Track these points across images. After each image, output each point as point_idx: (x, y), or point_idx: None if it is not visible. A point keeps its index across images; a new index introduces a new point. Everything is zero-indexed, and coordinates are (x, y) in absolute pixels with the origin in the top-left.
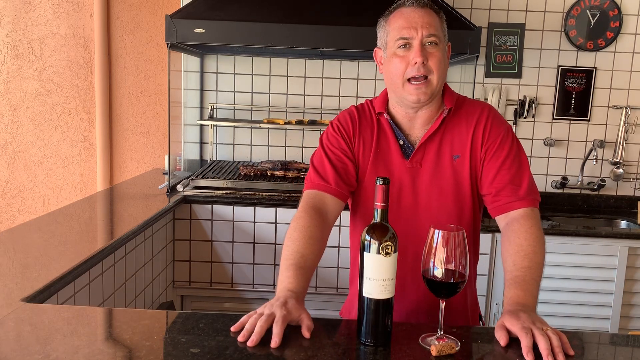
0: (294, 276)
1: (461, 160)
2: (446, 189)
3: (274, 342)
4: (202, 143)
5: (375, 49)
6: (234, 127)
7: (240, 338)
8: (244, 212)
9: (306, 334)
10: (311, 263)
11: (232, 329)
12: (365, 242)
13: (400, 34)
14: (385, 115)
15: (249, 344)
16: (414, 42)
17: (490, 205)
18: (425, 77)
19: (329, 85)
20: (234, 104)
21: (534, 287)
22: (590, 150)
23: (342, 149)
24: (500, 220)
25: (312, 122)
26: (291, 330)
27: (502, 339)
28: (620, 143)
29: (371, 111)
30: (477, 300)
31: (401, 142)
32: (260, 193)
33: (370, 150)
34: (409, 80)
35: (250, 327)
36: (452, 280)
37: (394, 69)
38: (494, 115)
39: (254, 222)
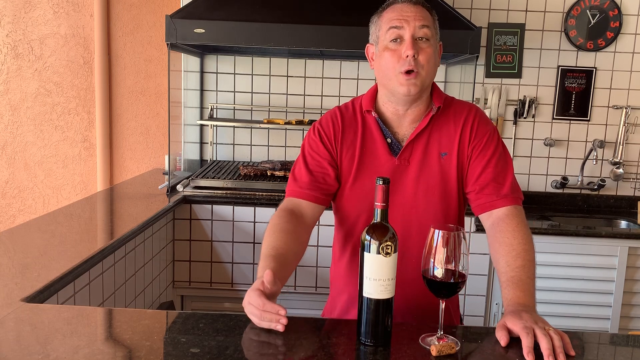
0: (264, 265)
1: (448, 158)
2: (433, 186)
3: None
4: (202, 143)
5: (367, 45)
6: (234, 127)
7: (280, 328)
8: (244, 212)
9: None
10: (283, 252)
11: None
12: (365, 242)
13: (391, 24)
14: (373, 113)
15: (281, 329)
16: (405, 36)
17: (473, 203)
18: (416, 72)
19: (329, 85)
20: (234, 104)
21: (531, 286)
22: (590, 150)
23: (322, 153)
24: (485, 219)
25: (312, 122)
26: (290, 331)
27: (502, 339)
28: (620, 143)
29: (356, 110)
30: (457, 304)
31: (389, 140)
32: (260, 193)
33: (355, 151)
34: (400, 73)
35: (268, 317)
36: (452, 280)
37: (386, 62)
38: (480, 115)
39: (254, 222)
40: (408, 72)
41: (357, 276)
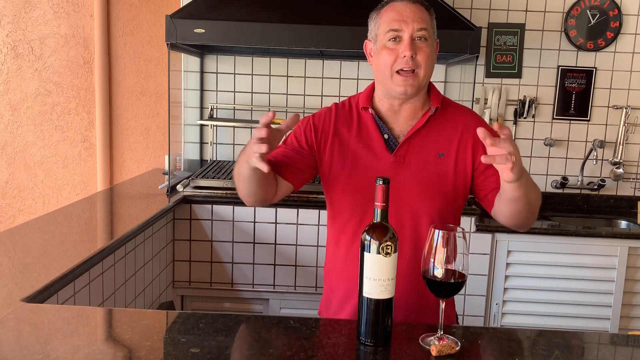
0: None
1: (446, 159)
2: (429, 185)
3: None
4: (202, 143)
5: (366, 41)
6: (234, 127)
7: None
8: (244, 212)
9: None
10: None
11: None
12: (365, 242)
13: (390, 26)
14: (370, 110)
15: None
16: (404, 36)
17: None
18: (413, 71)
19: (329, 85)
20: (234, 104)
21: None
22: (590, 150)
23: (299, 141)
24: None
25: None
26: (290, 331)
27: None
28: (620, 143)
29: (352, 107)
30: (453, 304)
31: (386, 136)
32: None
33: (348, 146)
34: (397, 72)
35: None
36: (452, 280)
37: (383, 60)
38: (483, 122)
39: (254, 222)
40: (405, 71)
41: (351, 271)
